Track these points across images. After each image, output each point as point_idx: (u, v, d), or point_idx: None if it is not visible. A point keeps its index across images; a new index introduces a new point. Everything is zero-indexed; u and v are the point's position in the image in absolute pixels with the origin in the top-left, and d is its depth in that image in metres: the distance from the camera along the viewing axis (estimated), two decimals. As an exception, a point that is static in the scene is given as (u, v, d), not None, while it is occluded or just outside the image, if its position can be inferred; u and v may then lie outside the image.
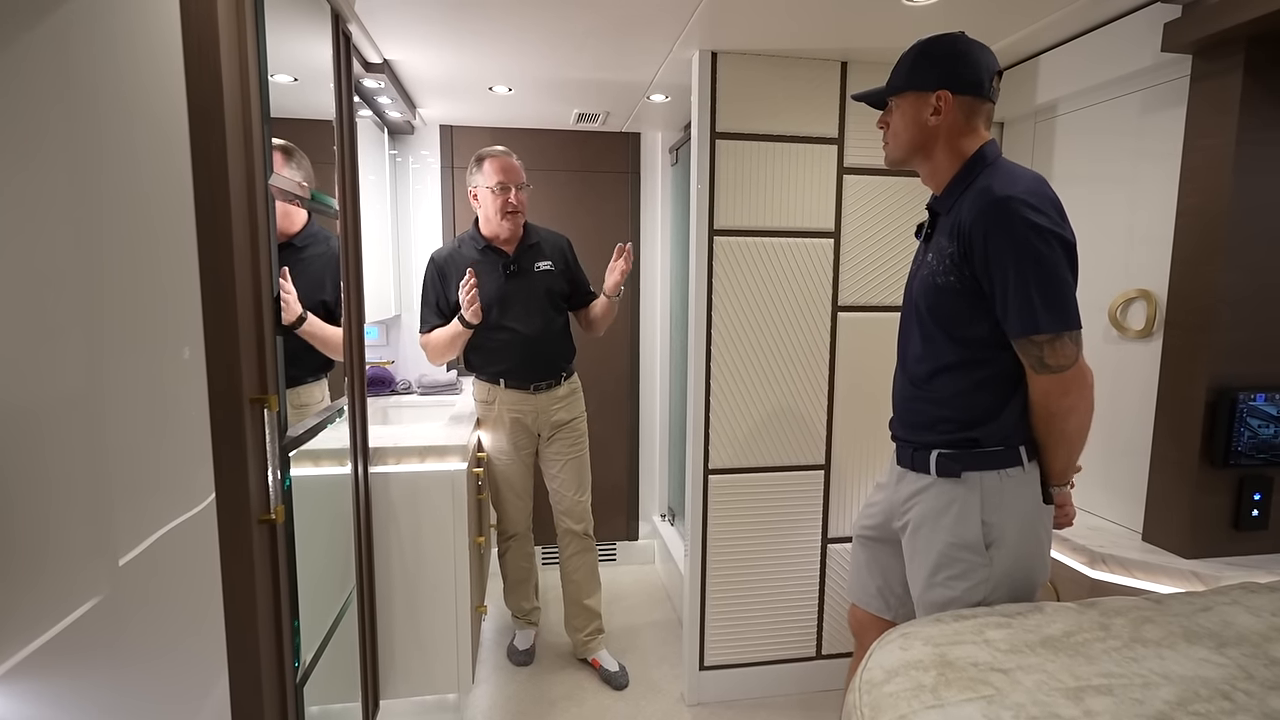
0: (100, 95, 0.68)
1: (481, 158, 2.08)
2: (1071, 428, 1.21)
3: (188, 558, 0.83)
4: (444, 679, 1.93)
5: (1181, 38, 1.45)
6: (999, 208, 1.13)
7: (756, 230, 1.98)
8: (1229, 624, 1.10)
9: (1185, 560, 1.49)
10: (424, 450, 1.86)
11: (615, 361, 3.07)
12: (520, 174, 2.10)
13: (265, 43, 1.05)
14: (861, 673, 1.05)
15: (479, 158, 2.09)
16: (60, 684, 0.60)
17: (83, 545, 0.64)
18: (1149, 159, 1.64)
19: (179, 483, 0.82)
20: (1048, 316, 1.12)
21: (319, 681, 1.33)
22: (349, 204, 1.59)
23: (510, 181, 2.06)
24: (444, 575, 1.88)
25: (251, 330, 1.02)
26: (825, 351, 2.06)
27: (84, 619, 0.62)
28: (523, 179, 2.10)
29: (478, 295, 1.99)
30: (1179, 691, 0.92)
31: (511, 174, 2.07)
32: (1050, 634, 1.07)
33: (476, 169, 2.09)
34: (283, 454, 1.11)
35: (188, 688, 0.83)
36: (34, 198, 0.58)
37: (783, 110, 1.95)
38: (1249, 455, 1.46)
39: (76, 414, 0.63)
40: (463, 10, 1.68)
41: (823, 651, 2.19)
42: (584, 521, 2.29)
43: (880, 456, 2.12)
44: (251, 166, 1.01)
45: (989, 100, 1.24)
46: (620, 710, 2.11)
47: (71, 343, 0.63)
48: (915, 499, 1.31)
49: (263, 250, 1.04)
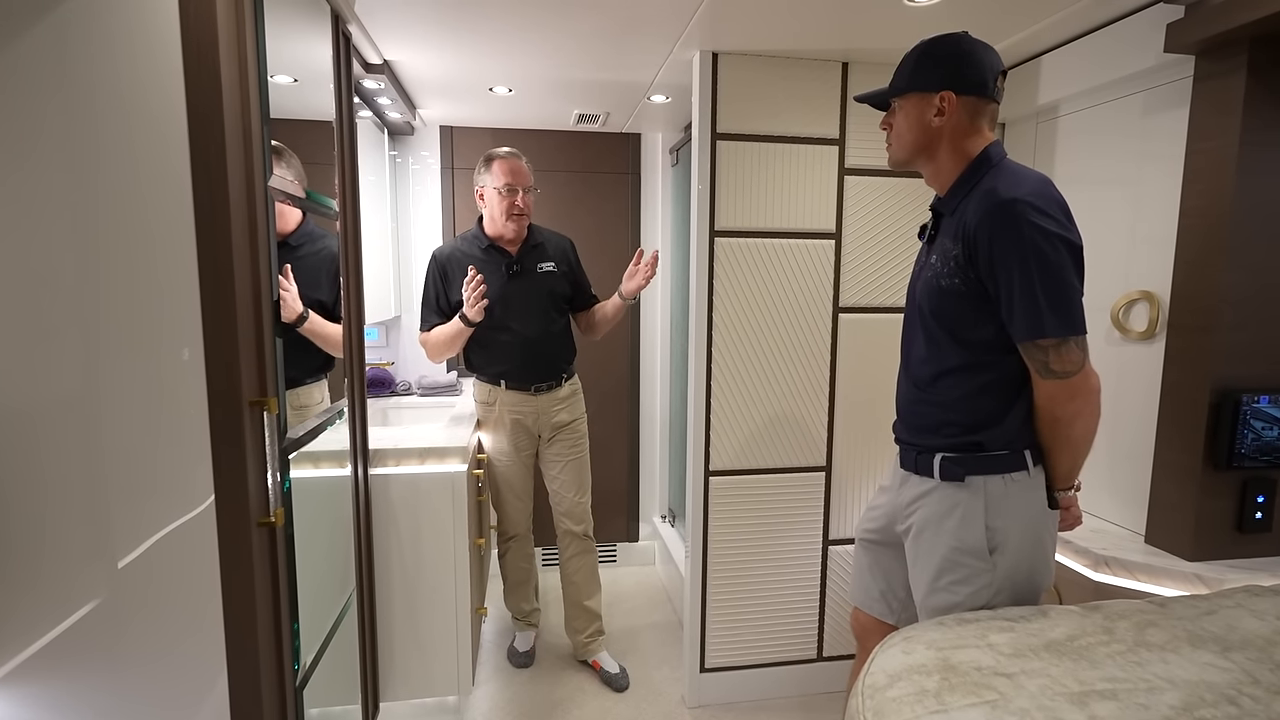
0: (98, 94, 0.67)
1: (491, 158, 2.09)
2: (1077, 433, 1.19)
3: (187, 560, 0.82)
4: (444, 681, 1.92)
5: (1184, 38, 1.45)
6: (1005, 210, 1.12)
7: (757, 231, 1.98)
8: (1233, 628, 1.10)
9: (1189, 563, 1.49)
10: (424, 452, 1.86)
11: (616, 362, 3.07)
12: (528, 177, 2.11)
13: (265, 43, 1.05)
14: (864, 677, 1.04)
15: (488, 158, 2.09)
16: (59, 687, 0.60)
17: (81, 548, 0.64)
18: (1151, 160, 1.63)
19: (178, 485, 0.82)
20: (1054, 320, 1.11)
21: (319, 684, 1.32)
22: (349, 205, 1.58)
23: (517, 184, 2.07)
24: (444, 577, 1.87)
25: (251, 332, 1.02)
26: (826, 353, 2.05)
27: (82, 622, 0.62)
28: (530, 181, 2.12)
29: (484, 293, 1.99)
30: (1184, 696, 0.92)
31: (519, 176, 2.08)
32: (1054, 638, 1.07)
33: (485, 169, 2.10)
34: (282, 456, 1.11)
35: (187, 691, 0.82)
36: (31, 197, 0.58)
37: (784, 111, 1.94)
38: (1252, 457, 1.46)
39: (74, 416, 0.63)
40: (463, 11, 1.68)
41: (824, 654, 2.18)
42: (584, 523, 2.29)
43: (881, 458, 2.11)
44: (251, 167, 1.01)
45: (993, 100, 1.23)
46: (621, 712, 2.11)
47: (68, 344, 0.62)
48: (918, 503, 1.30)
49: (262, 251, 1.04)
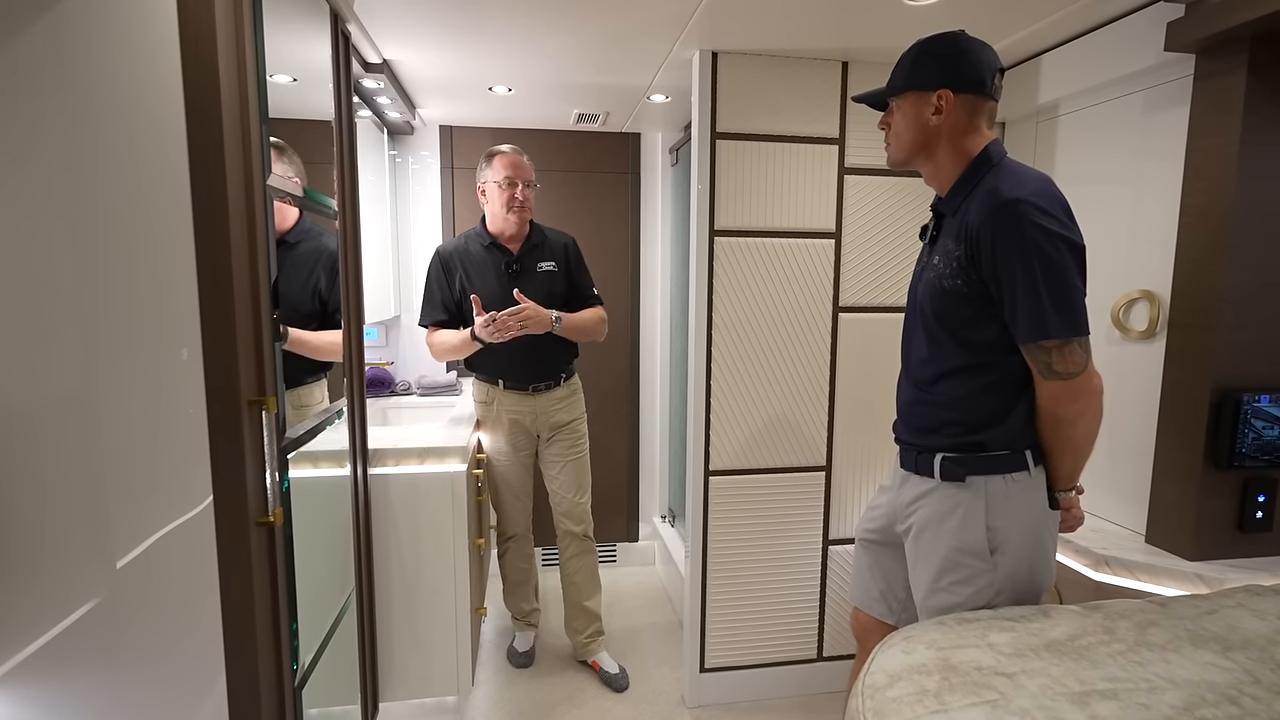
0: (97, 93, 0.67)
1: (492, 154, 2.11)
2: (1079, 434, 1.19)
3: (185, 560, 0.82)
4: (443, 681, 1.92)
5: (1185, 37, 1.45)
6: (1007, 210, 1.11)
7: (757, 231, 1.98)
8: (1234, 627, 1.09)
9: (1189, 563, 1.49)
10: (423, 452, 1.85)
11: (615, 362, 3.07)
12: (528, 171, 2.13)
13: (263, 41, 1.05)
14: (864, 677, 1.04)
15: (489, 154, 2.12)
16: (57, 687, 0.59)
17: (80, 548, 0.63)
18: (1152, 159, 1.63)
19: (177, 485, 0.81)
20: (1057, 321, 1.10)
21: (318, 684, 1.32)
22: (348, 205, 1.58)
23: (518, 177, 2.09)
24: (443, 577, 1.87)
25: (249, 330, 1.02)
26: (826, 352, 2.05)
27: (81, 622, 0.62)
28: (530, 176, 2.13)
29: (495, 320, 1.98)
30: (1185, 696, 0.91)
31: (519, 170, 2.10)
32: (1054, 637, 1.07)
33: (486, 165, 2.12)
34: (281, 455, 1.11)
35: (186, 691, 0.82)
36: (29, 197, 0.57)
37: (783, 110, 1.94)
38: (1253, 457, 1.45)
39: (72, 415, 0.63)
40: (462, 10, 1.68)
41: (824, 654, 2.18)
42: (584, 523, 2.29)
43: (881, 458, 2.11)
44: (249, 166, 1.01)
45: (991, 98, 1.23)
46: (621, 713, 2.11)
47: (67, 343, 0.62)
48: (919, 503, 1.29)
49: (260, 250, 1.03)
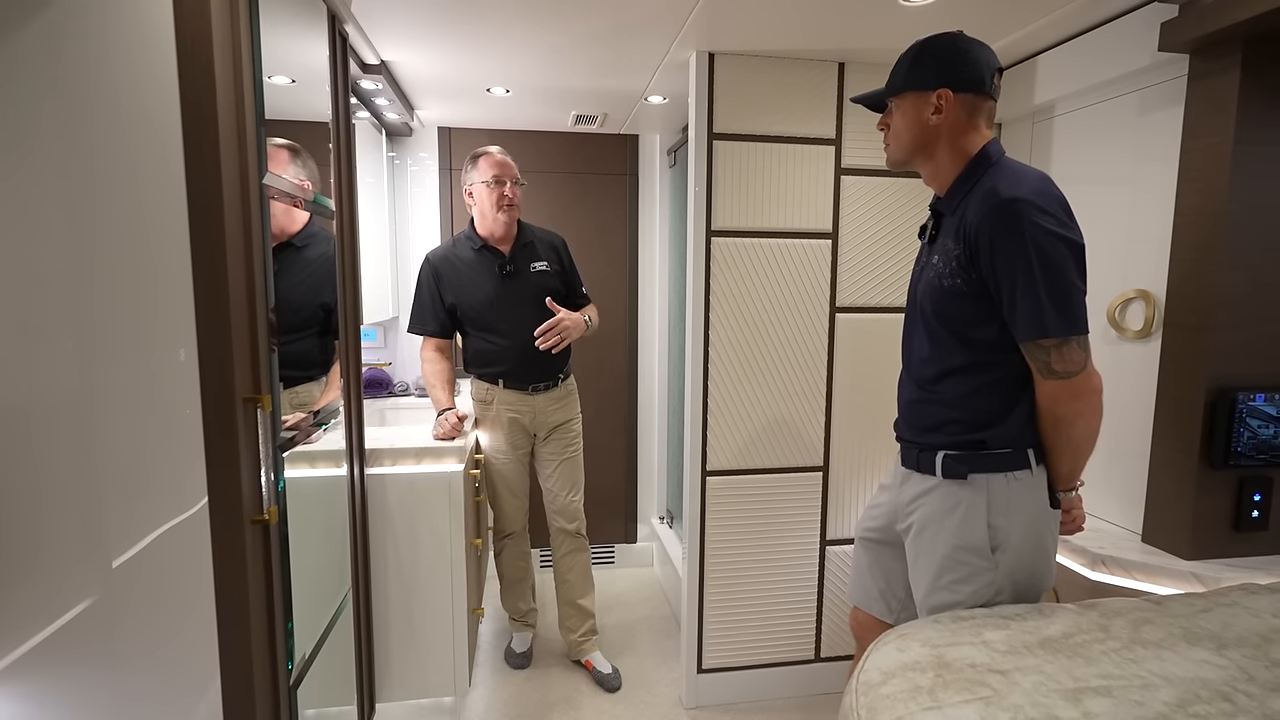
0: (93, 93, 0.67)
1: (476, 156, 2.12)
2: (1078, 433, 1.19)
3: (180, 559, 0.82)
4: (440, 682, 1.92)
5: (1179, 37, 1.45)
6: (1006, 210, 1.11)
7: (754, 231, 1.98)
8: (1229, 625, 1.10)
9: (1185, 561, 1.49)
10: (420, 452, 1.85)
11: (613, 363, 3.07)
12: (514, 169, 2.13)
13: (260, 41, 1.05)
14: (858, 674, 1.04)
15: (474, 156, 2.13)
16: (53, 685, 0.60)
17: (75, 547, 0.64)
18: (1147, 159, 1.64)
19: (172, 484, 0.82)
20: (1056, 320, 1.10)
21: (314, 684, 1.32)
22: (345, 206, 1.58)
23: (505, 175, 2.10)
24: (440, 577, 1.87)
25: (245, 330, 1.02)
26: (823, 353, 2.05)
27: (76, 621, 0.62)
28: (517, 174, 2.14)
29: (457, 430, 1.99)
30: (1179, 693, 0.92)
31: (506, 169, 2.11)
32: (1049, 635, 1.07)
33: (471, 166, 2.12)
34: (276, 454, 1.11)
35: (180, 690, 0.82)
36: (25, 196, 0.58)
37: (780, 111, 1.94)
38: (1249, 456, 1.46)
39: (67, 414, 0.63)
40: (460, 12, 1.68)
41: (822, 654, 2.18)
42: (576, 521, 2.29)
43: (879, 457, 2.11)
44: (245, 165, 1.01)
45: (990, 98, 1.23)
46: (618, 713, 2.11)
47: (62, 342, 0.62)
48: (920, 501, 1.29)
49: (256, 249, 1.04)
